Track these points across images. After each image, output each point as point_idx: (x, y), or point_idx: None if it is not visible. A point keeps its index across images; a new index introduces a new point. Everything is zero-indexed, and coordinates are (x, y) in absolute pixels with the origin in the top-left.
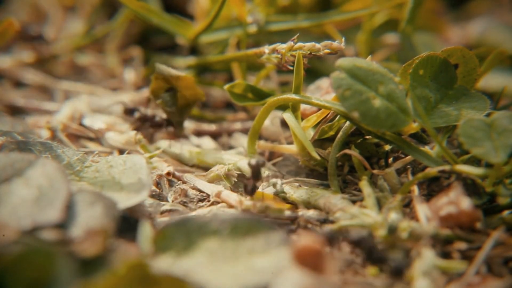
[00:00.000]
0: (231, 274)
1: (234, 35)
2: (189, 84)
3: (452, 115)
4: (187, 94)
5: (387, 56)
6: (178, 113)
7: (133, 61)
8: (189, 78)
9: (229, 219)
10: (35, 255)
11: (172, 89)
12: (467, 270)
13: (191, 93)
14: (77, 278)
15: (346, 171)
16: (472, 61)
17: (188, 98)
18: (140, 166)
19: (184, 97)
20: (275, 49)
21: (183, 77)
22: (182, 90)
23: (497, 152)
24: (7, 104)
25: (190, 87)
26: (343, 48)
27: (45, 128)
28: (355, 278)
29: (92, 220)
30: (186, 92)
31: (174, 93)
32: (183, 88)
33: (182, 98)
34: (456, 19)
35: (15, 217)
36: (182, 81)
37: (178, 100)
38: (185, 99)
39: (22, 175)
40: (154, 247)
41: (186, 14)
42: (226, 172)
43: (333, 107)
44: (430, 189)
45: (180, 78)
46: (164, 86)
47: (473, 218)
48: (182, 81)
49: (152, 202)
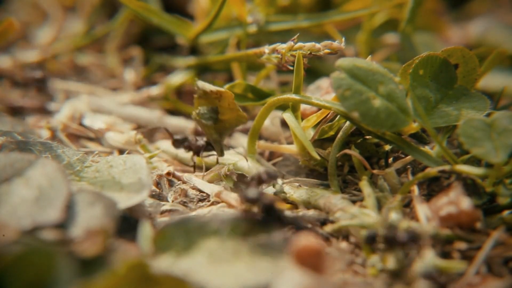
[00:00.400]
0: (231, 274)
1: (234, 35)
2: (231, 105)
3: (452, 115)
4: (228, 117)
5: (387, 56)
6: (216, 131)
7: (133, 61)
8: (230, 95)
9: (229, 219)
10: (35, 255)
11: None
12: (467, 270)
13: (232, 115)
14: (77, 278)
15: (346, 171)
16: (472, 61)
17: (228, 121)
18: (140, 166)
19: (224, 120)
20: (275, 49)
21: (225, 94)
22: (224, 112)
23: (497, 152)
24: (7, 104)
25: (232, 108)
26: (343, 48)
27: (45, 128)
28: (355, 278)
29: (92, 220)
30: (227, 114)
31: (213, 110)
32: (225, 109)
33: (222, 121)
34: (456, 19)
35: (15, 217)
36: (224, 100)
37: (218, 121)
38: (225, 122)
39: (22, 175)
40: (154, 247)
41: (186, 14)
42: (226, 172)
43: (333, 107)
44: (430, 189)
45: (222, 95)
46: (206, 105)
47: (473, 218)
48: (223, 101)
49: (152, 202)
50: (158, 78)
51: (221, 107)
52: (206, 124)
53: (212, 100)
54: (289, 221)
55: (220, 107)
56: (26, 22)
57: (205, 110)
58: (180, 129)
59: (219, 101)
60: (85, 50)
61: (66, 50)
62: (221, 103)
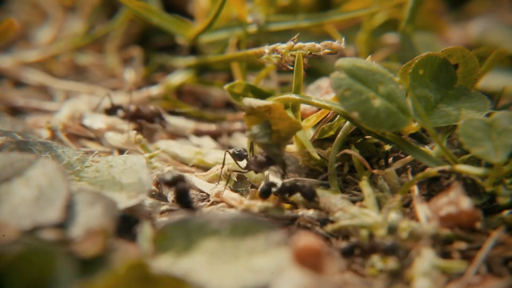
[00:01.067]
0: (231, 274)
1: (234, 35)
2: (282, 115)
3: (452, 115)
4: (282, 126)
5: (387, 56)
6: (274, 146)
7: (133, 61)
8: (279, 106)
9: (229, 219)
10: (35, 255)
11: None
12: (467, 270)
13: (285, 124)
14: (77, 278)
15: (346, 171)
16: (472, 61)
17: (282, 130)
18: (140, 166)
19: (278, 130)
20: (275, 49)
21: (274, 106)
22: (276, 122)
23: (497, 152)
24: (7, 104)
25: (284, 118)
26: (343, 48)
27: (45, 128)
28: (354, 278)
29: (92, 220)
30: (280, 124)
31: (265, 125)
32: (277, 120)
33: (276, 131)
34: (456, 19)
35: (15, 217)
36: (274, 112)
37: (272, 134)
38: (280, 132)
39: (22, 175)
40: (154, 247)
41: (186, 14)
42: (226, 172)
43: (333, 107)
44: (430, 189)
45: (271, 108)
46: (257, 120)
47: (473, 218)
48: (274, 112)
49: (152, 202)
50: (158, 78)
51: (273, 119)
52: (262, 142)
53: (262, 114)
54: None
55: (271, 119)
56: (26, 22)
57: (258, 129)
58: (180, 130)
59: (270, 114)
60: (85, 50)
61: (66, 50)
62: (272, 115)
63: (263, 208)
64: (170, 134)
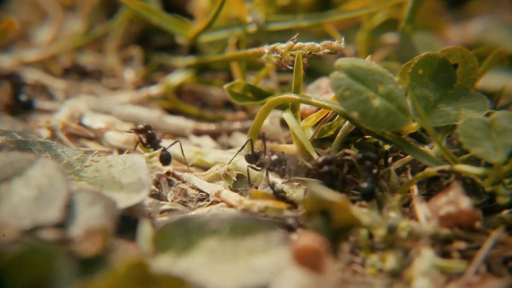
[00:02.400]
0: (231, 274)
1: (233, 34)
2: (344, 208)
3: (452, 114)
4: (341, 218)
5: (386, 55)
6: (332, 238)
7: (133, 61)
8: (344, 203)
9: (228, 219)
10: (35, 254)
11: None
12: (467, 269)
13: (344, 217)
14: (76, 278)
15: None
16: (471, 61)
17: (341, 222)
18: (139, 166)
19: (338, 221)
20: (274, 48)
21: (338, 202)
22: (336, 213)
23: (497, 151)
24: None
25: (344, 210)
26: (342, 48)
27: (45, 128)
28: (354, 277)
29: (92, 220)
30: (340, 215)
31: (327, 218)
32: (337, 211)
33: (335, 222)
34: (455, 18)
35: (15, 216)
36: (337, 205)
37: (331, 224)
38: (339, 223)
39: (22, 175)
40: (153, 246)
41: (186, 14)
42: (225, 172)
43: (333, 107)
44: (430, 188)
45: (335, 203)
46: (317, 208)
47: (472, 218)
48: (336, 205)
49: (151, 201)
50: (157, 77)
51: (333, 210)
52: (323, 234)
53: (323, 204)
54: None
55: (332, 210)
56: (25, 22)
57: (320, 222)
58: (180, 129)
59: (330, 206)
60: (84, 49)
61: (65, 49)
62: (333, 207)
63: (262, 207)
64: (169, 134)
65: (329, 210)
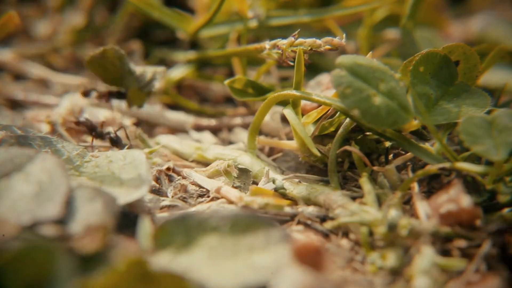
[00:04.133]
0: (231, 271)
1: (234, 29)
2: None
3: (453, 112)
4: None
5: (388, 51)
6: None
7: (134, 55)
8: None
9: (228, 216)
10: (34, 251)
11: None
12: (467, 268)
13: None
14: (76, 275)
15: (346, 168)
16: (473, 58)
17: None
18: (140, 161)
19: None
20: (275, 44)
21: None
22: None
23: (498, 149)
24: (7, 97)
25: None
26: (344, 44)
27: (45, 122)
28: (354, 275)
29: (92, 216)
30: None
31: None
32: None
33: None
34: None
35: (14, 212)
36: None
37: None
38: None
39: (21, 170)
40: (153, 243)
41: (187, 8)
42: (226, 168)
43: (334, 104)
44: (430, 186)
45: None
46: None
47: (473, 216)
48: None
49: (151, 197)
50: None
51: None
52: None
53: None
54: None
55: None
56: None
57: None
58: (180, 124)
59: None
60: (85, 43)
61: (66, 43)
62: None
63: (263, 204)
64: (170, 129)
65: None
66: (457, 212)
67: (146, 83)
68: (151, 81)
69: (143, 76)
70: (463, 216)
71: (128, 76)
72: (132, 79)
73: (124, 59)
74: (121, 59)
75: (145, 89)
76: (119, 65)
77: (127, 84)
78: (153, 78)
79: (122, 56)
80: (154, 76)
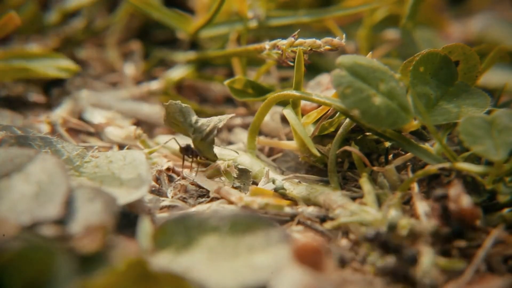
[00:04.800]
0: (231, 271)
1: (234, 30)
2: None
3: (453, 112)
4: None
5: (388, 52)
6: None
7: (133, 55)
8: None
9: (228, 216)
10: (34, 251)
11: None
12: (467, 268)
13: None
14: (76, 275)
15: (346, 168)
16: (473, 58)
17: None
18: (140, 162)
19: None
20: (275, 45)
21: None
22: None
23: (498, 150)
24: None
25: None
26: (343, 44)
27: (45, 123)
28: (354, 276)
29: (92, 216)
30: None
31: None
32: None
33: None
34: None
35: (14, 212)
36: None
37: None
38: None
39: (21, 170)
40: (153, 243)
41: (187, 9)
42: (225, 168)
43: (334, 104)
44: (430, 186)
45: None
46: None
47: (473, 216)
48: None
49: (151, 197)
50: (158, 72)
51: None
52: None
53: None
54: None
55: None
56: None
57: None
58: None
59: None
60: (85, 44)
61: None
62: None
63: (262, 205)
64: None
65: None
66: (457, 212)
67: (207, 134)
68: (212, 131)
69: (203, 127)
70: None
71: (189, 128)
72: (193, 131)
73: (185, 112)
74: (183, 112)
75: (207, 140)
76: (182, 119)
77: (191, 136)
78: (213, 129)
79: (184, 109)
80: (214, 127)
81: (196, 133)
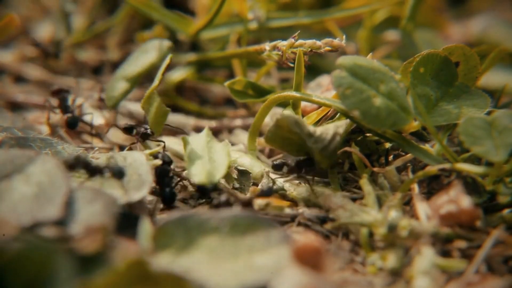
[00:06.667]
0: (231, 272)
1: (234, 31)
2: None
3: (453, 113)
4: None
5: (388, 53)
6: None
7: None
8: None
9: (228, 217)
10: (34, 252)
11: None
12: (467, 269)
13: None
14: (76, 276)
15: (346, 169)
16: (473, 59)
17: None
18: (140, 163)
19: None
20: (275, 46)
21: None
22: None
23: (498, 150)
24: (7, 99)
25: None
26: (344, 45)
27: (45, 124)
28: (354, 276)
29: (92, 217)
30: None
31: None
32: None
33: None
34: (457, 16)
35: (15, 213)
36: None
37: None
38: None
39: (22, 172)
40: (153, 244)
41: (187, 10)
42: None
43: (334, 105)
44: (430, 187)
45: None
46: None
47: (473, 217)
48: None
49: (152, 198)
50: None
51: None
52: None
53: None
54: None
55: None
56: (26, 17)
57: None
58: (180, 126)
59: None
60: (85, 45)
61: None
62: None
63: (263, 205)
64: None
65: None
66: (457, 213)
67: (327, 144)
68: (332, 140)
69: (323, 135)
70: (463, 217)
71: (308, 138)
72: (314, 141)
73: (300, 123)
74: (299, 123)
75: (326, 151)
76: (298, 131)
77: (310, 149)
78: (334, 136)
79: (299, 120)
80: (335, 134)
81: (317, 143)
